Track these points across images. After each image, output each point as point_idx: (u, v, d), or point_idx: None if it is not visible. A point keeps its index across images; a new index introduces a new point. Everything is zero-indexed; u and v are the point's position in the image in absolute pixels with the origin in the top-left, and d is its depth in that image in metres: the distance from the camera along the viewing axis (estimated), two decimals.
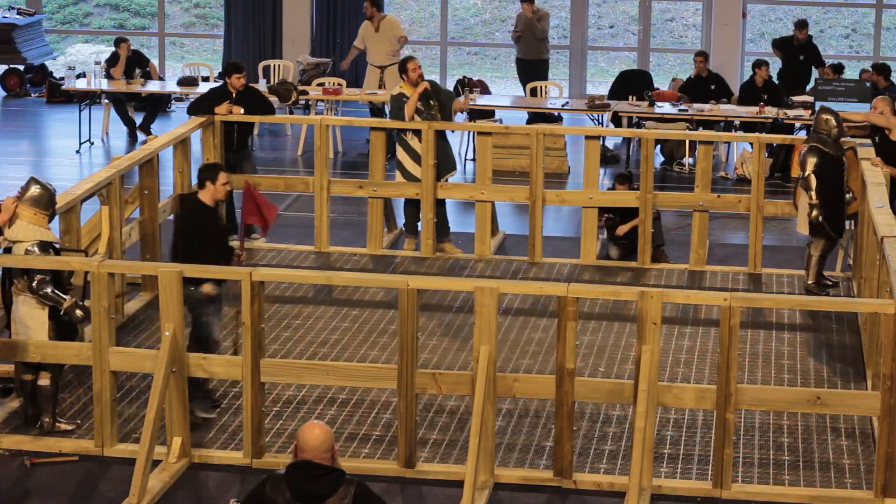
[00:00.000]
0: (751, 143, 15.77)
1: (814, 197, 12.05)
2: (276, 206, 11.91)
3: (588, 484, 9.04)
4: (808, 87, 18.92)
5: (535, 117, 18.74)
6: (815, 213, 12.04)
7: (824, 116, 12.30)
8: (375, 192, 13.72)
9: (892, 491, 8.80)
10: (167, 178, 13.59)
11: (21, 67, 22.58)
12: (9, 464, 9.16)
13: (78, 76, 19.88)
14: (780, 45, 20.04)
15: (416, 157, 13.57)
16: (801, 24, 19.68)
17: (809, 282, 12.41)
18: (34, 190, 9.54)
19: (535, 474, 9.13)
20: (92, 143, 18.93)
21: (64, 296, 9.34)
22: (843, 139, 12.41)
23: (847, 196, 12.42)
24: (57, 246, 9.62)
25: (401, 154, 13.65)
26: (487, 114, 18.31)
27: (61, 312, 9.36)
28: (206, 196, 10.07)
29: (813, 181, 12.05)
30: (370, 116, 17.97)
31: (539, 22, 20.04)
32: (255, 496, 6.02)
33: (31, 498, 8.76)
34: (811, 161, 12.10)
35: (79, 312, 9.35)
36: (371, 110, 18.52)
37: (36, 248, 9.37)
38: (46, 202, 9.56)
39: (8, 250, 9.50)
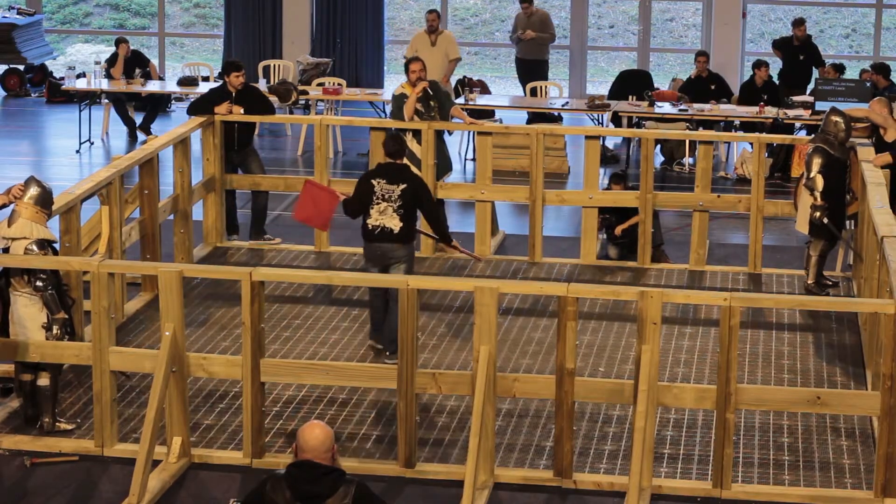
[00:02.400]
0: (751, 143, 15.78)
1: (819, 198, 12.03)
2: (335, 195, 11.37)
3: (588, 484, 9.04)
4: (809, 87, 18.93)
5: (535, 117, 18.75)
6: (818, 214, 12.01)
7: (834, 118, 12.27)
8: None
9: (892, 491, 8.80)
10: (167, 178, 13.59)
11: (21, 67, 22.60)
12: (9, 464, 9.16)
13: (78, 76, 19.91)
14: (780, 45, 20.05)
15: (411, 157, 13.57)
16: (798, 22, 19.68)
17: (809, 282, 12.41)
18: (35, 189, 9.60)
19: (535, 474, 9.13)
20: (92, 143, 18.94)
21: (60, 308, 9.38)
22: (849, 142, 12.42)
23: (847, 196, 12.42)
24: (56, 245, 9.64)
25: None
26: (487, 114, 18.31)
27: (49, 320, 9.37)
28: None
29: (819, 182, 12.01)
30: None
31: (546, 29, 20.03)
32: (256, 496, 6.03)
33: (32, 498, 8.76)
34: (817, 162, 12.07)
35: (56, 331, 9.35)
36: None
37: (35, 247, 9.39)
38: (47, 201, 9.62)
39: (6, 249, 9.52)
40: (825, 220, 12.00)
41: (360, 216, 10.93)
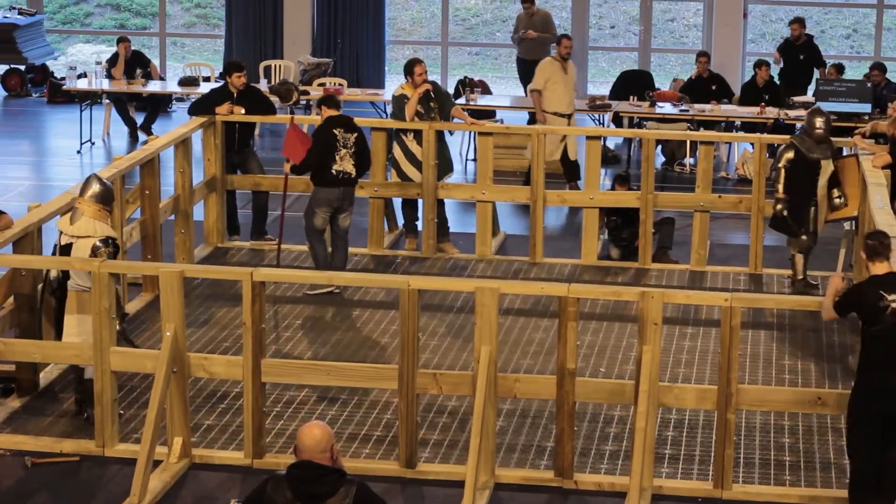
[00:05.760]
0: (752, 144, 15.77)
1: (780, 190, 12.37)
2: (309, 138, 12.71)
3: (589, 484, 9.04)
4: (810, 88, 18.91)
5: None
6: (779, 206, 12.41)
7: (811, 118, 12.46)
8: (376, 193, 13.73)
9: None
10: (168, 179, 13.60)
11: (22, 67, 22.58)
12: (9, 464, 9.17)
13: (79, 76, 19.90)
14: (782, 47, 19.99)
15: (412, 158, 13.59)
16: (792, 21, 19.66)
17: (798, 278, 12.55)
18: (96, 186, 9.69)
19: (535, 475, 9.13)
20: (93, 143, 18.94)
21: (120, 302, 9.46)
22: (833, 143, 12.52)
23: (837, 200, 12.48)
24: (117, 241, 9.70)
25: (398, 154, 13.67)
26: (488, 114, 18.30)
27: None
28: None
29: (781, 175, 12.37)
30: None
31: (548, 29, 20.02)
32: (256, 497, 6.03)
33: (32, 498, 8.76)
34: (786, 157, 12.42)
35: (117, 324, 9.43)
36: None
37: (103, 245, 9.45)
38: (109, 198, 9.71)
39: (68, 246, 9.53)
40: (785, 213, 12.29)
41: (315, 166, 12.28)
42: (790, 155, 12.39)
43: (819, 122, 12.36)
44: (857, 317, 8.52)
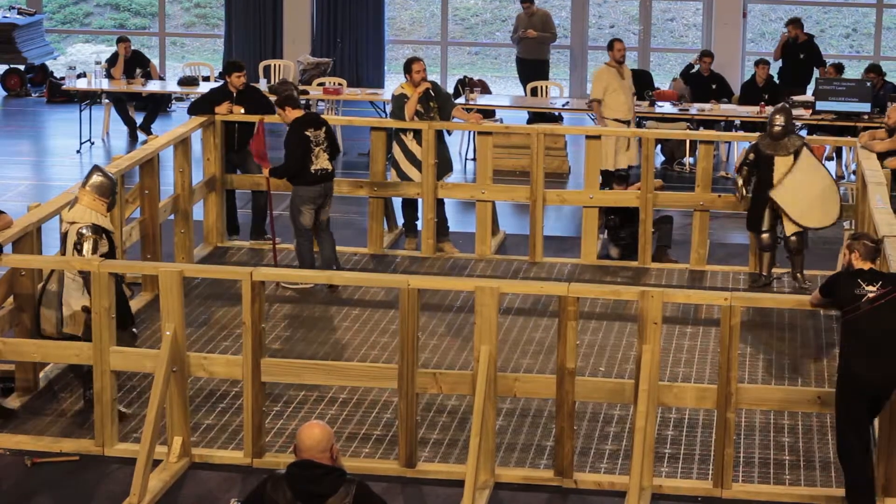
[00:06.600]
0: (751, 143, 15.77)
1: (740, 183, 12.81)
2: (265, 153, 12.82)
3: (589, 483, 9.04)
4: (810, 87, 18.90)
5: (536, 117, 18.74)
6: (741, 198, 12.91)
7: (772, 115, 12.77)
8: (376, 192, 13.73)
9: (891, 490, 8.80)
10: (168, 178, 13.60)
11: (22, 67, 22.59)
12: (9, 464, 9.16)
13: (78, 76, 19.90)
14: (782, 48, 19.97)
15: (411, 158, 13.59)
16: (789, 22, 19.65)
17: (763, 273, 12.84)
18: (96, 177, 9.79)
19: (535, 474, 9.13)
20: (92, 143, 18.94)
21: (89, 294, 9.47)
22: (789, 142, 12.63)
23: None
24: (111, 233, 9.70)
25: (397, 153, 13.67)
26: (488, 113, 18.31)
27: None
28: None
29: (742, 171, 12.82)
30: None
31: (547, 29, 20.03)
32: (256, 496, 6.03)
33: (32, 498, 8.76)
34: (750, 156, 12.73)
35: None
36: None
37: (88, 231, 9.47)
38: (106, 190, 9.75)
39: (65, 235, 9.65)
40: (745, 210, 12.79)
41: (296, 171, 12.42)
42: (751, 153, 12.69)
43: (778, 118, 12.53)
44: (836, 304, 8.67)
